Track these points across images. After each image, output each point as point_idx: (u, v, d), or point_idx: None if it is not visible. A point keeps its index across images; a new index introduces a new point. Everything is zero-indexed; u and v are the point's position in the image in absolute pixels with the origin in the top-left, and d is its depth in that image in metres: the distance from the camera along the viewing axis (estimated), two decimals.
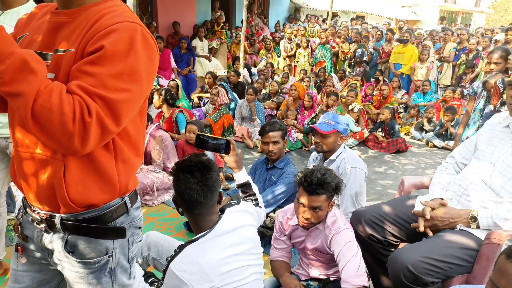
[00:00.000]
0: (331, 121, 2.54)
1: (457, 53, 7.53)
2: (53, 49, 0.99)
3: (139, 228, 1.20)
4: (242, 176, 1.86)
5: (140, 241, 1.21)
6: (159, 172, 3.51)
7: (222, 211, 1.57)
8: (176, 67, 7.42)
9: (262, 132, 2.87)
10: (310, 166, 2.80)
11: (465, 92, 6.64)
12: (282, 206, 2.66)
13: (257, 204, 1.81)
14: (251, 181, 1.88)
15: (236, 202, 1.70)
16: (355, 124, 5.79)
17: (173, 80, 5.81)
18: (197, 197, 1.41)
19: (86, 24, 0.95)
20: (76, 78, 0.89)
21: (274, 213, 2.76)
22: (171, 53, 7.35)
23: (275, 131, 2.80)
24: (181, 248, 1.45)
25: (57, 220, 1.06)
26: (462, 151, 2.08)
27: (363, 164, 2.53)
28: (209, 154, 3.17)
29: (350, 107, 5.85)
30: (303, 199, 1.83)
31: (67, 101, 0.83)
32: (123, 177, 1.08)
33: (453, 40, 8.03)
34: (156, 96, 4.36)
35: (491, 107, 2.97)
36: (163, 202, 3.45)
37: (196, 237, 1.47)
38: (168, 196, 3.52)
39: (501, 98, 2.70)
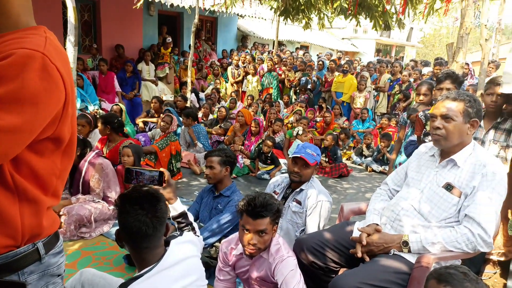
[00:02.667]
0: (314, 152, 2.55)
1: (391, 83, 8.16)
2: None
3: (59, 275, 1.10)
4: (178, 206, 1.83)
5: None
6: (98, 202, 3.32)
7: (166, 243, 1.52)
8: (120, 90, 7.22)
9: (205, 157, 2.95)
10: (268, 190, 2.80)
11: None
12: (228, 236, 2.64)
13: (194, 234, 1.79)
14: (186, 211, 1.86)
15: (179, 233, 1.66)
16: None
17: (117, 104, 5.64)
18: (146, 230, 1.36)
19: None
20: None
21: (220, 243, 2.72)
22: (115, 77, 7.17)
23: (213, 156, 2.84)
24: (124, 286, 1.36)
25: None
26: (394, 178, 2.23)
27: (329, 196, 2.60)
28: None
29: (294, 132, 6.03)
30: (248, 225, 1.86)
31: None
32: (28, 218, 0.99)
33: (388, 72, 8.70)
34: (100, 125, 3.95)
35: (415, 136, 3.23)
36: (101, 234, 3.25)
37: (140, 273, 1.39)
38: (107, 227, 3.33)
39: (424, 129, 2.95)
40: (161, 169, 1.73)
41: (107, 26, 8.17)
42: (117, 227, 1.45)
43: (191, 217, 1.88)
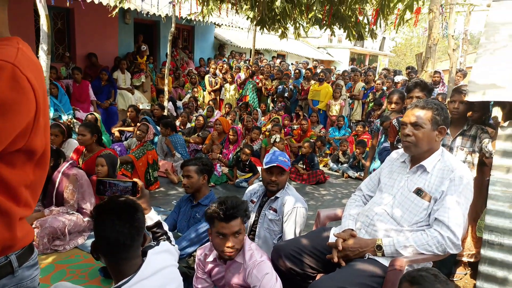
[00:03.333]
0: (285, 159, 2.58)
1: (365, 91, 8.38)
2: None
3: None
4: (153, 216, 1.83)
5: None
6: (72, 213, 3.24)
7: (143, 253, 1.51)
8: (95, 99, 7.09)
9: (181, 166, 2.95)
10: (245, 198, 2.81)
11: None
12: None
13: (170, 243, 1.79)
14: (161, 220, 1.86)
15: (155, 242, 1.65)
16: None
17: (91, 113, 5.54)
18: (124, 240, 1.34)
19: None
20: None
21: None
22: (89, 85, 7.04)
23: (189, 166, 2.84)
24: None
25: None
26: (368, 184, 2.29)
27: (304, 202, 2.62)
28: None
29: (272, 140, 6.09)
30: (224, 229, 1.89)
31: None
32: (0, 231, 0.98)
33: (362, 80, 8.93)
34: (87, 134, 3.83)
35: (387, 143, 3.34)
36: (76, 247, 3.17)
37: (118, 285, 1.37)
38: (82, 239, 3.25)
39: (398, 136, 3.05)
40: (135, 179, 1.73)
41: (82, 34, 8.03)
42: (92, 239, 1.43)
43: (166, 227, 1.88)
